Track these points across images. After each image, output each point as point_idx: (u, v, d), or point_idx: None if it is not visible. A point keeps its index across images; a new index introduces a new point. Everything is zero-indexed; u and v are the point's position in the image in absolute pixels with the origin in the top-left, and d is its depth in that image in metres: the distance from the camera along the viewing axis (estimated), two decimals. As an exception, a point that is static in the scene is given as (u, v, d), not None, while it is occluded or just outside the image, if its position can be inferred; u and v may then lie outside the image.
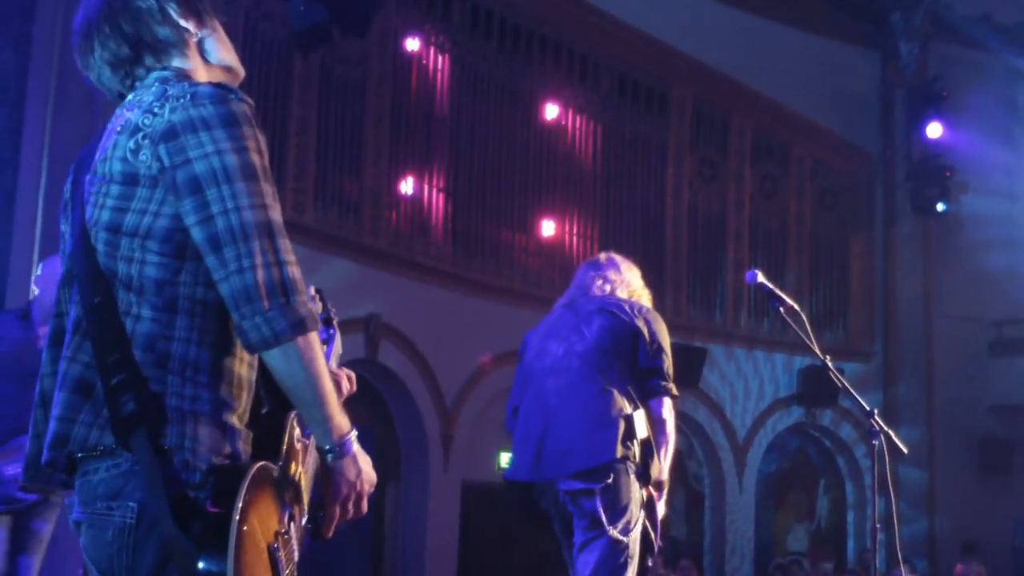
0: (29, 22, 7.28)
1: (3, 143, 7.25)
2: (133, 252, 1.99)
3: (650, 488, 4.12)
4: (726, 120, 13.54)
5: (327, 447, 2.03)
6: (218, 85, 2.03)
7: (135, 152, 1.98)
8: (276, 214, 1.98)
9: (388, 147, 10.49)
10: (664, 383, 4.17)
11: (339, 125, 10.15)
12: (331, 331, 2.55)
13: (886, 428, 4.09)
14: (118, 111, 2.11)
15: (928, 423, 13.71)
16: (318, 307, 2.54)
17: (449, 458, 10.78)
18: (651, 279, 12.88)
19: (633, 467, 4.03)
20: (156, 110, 1.99)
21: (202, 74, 2.16)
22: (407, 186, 10.71)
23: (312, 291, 2.57)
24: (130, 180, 1.99)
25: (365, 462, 2.09)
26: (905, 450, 4.15)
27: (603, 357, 4.16)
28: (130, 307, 2.00)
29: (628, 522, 4.02)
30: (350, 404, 2.24)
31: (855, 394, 4.19)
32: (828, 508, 13.97)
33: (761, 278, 4.17)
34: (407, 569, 10.59)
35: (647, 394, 4.16)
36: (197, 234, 1.95)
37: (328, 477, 2.05)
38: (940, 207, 13.96)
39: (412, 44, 10.74)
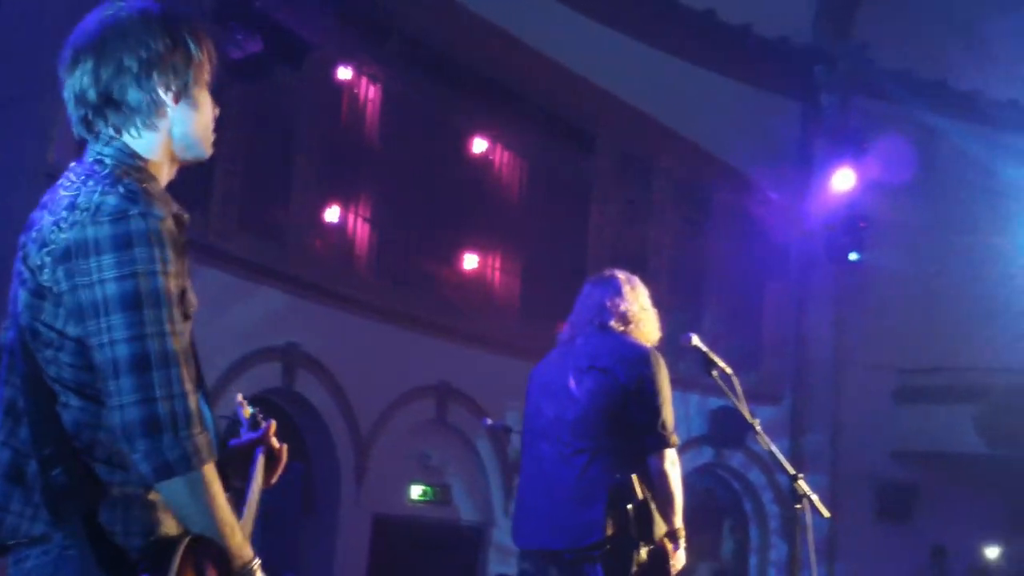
0: None
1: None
2: (51, 356, 2.01)
3: (666, 540, 4.12)
4: (651, 162, 13.71)
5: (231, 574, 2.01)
6: (127, 195, 1.98)
7: (41, 268, 1.99)
8: (163, 342, 1.94)
9: (315, 176, 10.44)
10: (660, 437, 4.14)
11: (267, 153, 10.07)
12: (259, 432, 2.51)
13: (810, 493, 4.18)
14: (61, 179, 2.10)
15: (832, 468, 13.98)
16: (245, 411, 2.55)
17: (362, 490, 10.71)
18: (564, 315, 12.95)
19: (633, 532, 4.04)
20: (62, 224, 1.98)
21: (159, 151, 2.14)
22: (333, 215, 10.67)
23: (239, 398, 2.58)
24: (38, 293, 2.00)
25: None
26: (827, 514, 4.24)
27: (593, 424, 4.17)
28: (59, 395, 2.00)
29: None
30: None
31: (782, 458, 4.27)
32: (732, 550, 14.16)
33: (696, 341, 4.25)
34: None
35: (645, 451, 4.15)
36: (92, 358, 1.96)
37: None
38: (853, 256, 14.27)
39: (343, 74, 10.72)
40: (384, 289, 11.05)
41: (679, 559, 4.18)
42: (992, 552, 14.34)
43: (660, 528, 4.09)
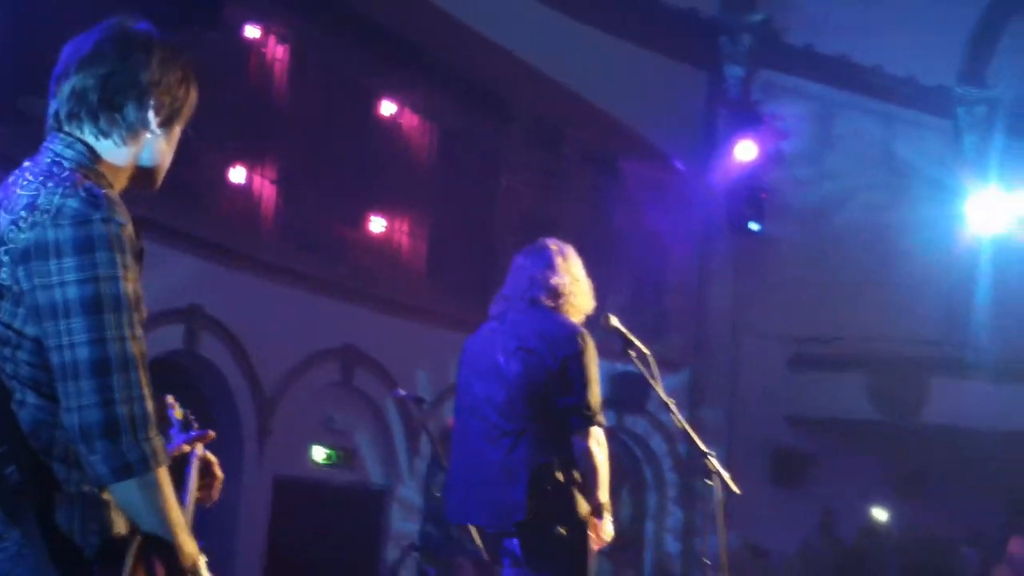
0: None
1: None
2: (9, 353, 2.02)
3: (591, 517, 4.16)
4: (561, 129, 13.75)
5: (177, 572, 2.05)
6: (89, 199, 2.01)
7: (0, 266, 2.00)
8: (123, 346, 1.97)
9: (221, 137, 10.26)
10: (584, 416, 4.15)
11: (172, 111, 9.85)
12: (192, 432, 2.55)
13: (721, 470, 4.29)
14: (14, 178, 2.12)
15: (729, 434, 14.29)
16: (177, 412, 2.59)
17: (264, 453, 10.65)
18: (479, 283, 12.98)
19: (554, 513, 4.10)
20: (21, 224, 1.99)
21: (126, 163, 2.20)
22: (239, 176, 10.51)
23: (169, 400, 2.59)
24: None
25: None
26: (738, 491, 4.35)
27: (520, 407, 4.20)
28: (14, 392, 2.01)
29: (551, 562, 4.11)
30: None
31: (694, 436, 4.38)
32: (629, 515, 14.42)
33: (614, 322, 4.33)
34: (214, 568, 10.38)
35: (571, 431, 4.17)
36: (50, 359, 1.98)
37: None
38: (753, 226, 14.55)
39: (252, 32, 10.54)
40: (289, 251, 10.93)
41: (607, 531, 4.24)
42: (880, 515, 14.83)
43: (583, 508, 4.15)
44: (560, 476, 4.11)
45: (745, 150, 14.36)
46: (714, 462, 4.30)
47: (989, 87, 15.82)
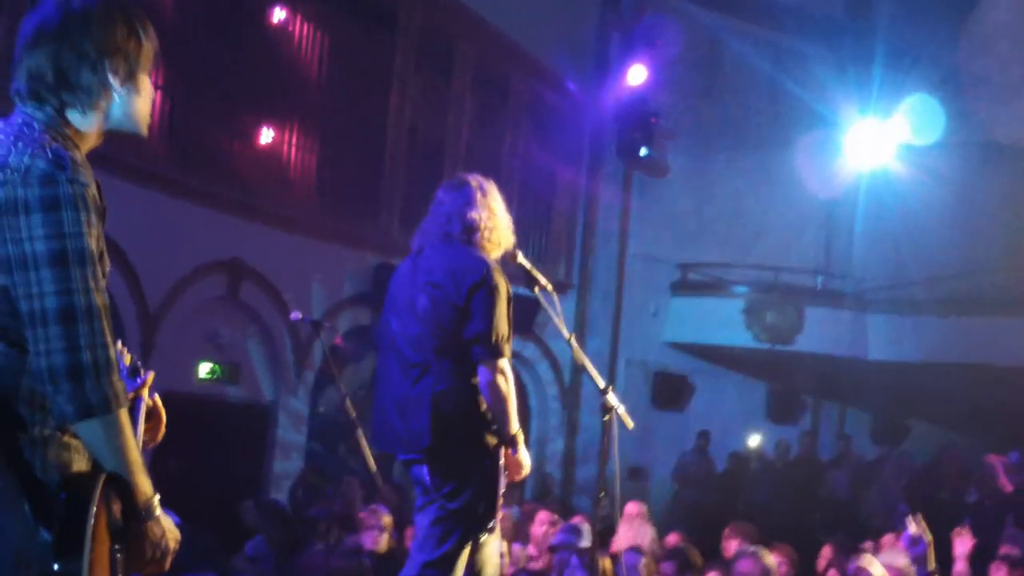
0: None
1: None
2: None
3: (504, 449, 4.23)
4: (451, 45, 13.60)
5: (134, 510, 2.24)
6: (56, 161, 2.17)
7: None
8: (88, 297, 2.16)
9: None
10: (488, 347, 4.17)
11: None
12: (140, 379, 2.70)
13: (617, 405, 4.40)
14: None
15: (612, 357, 14.55)
16: (126, 359, 2.74)
17: (148, 368, 10.44)
18: (367, 199, 12.85)
19: (460, 436, 4.18)
20: None
21: (93, 127, 2.38)
22: (123, 83, 10.15)
23: (119, 346, 2.67)
24: None
25: (167, 522, 2.32)
26: (631, 425, 4.47)
27: (428, 340, 4.24)
28: None
29: (458, 490, 4.15)
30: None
31: (594, 372, 4.47)
32: (511, 440, 14.62)
33: (520, 258, 4.38)
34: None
35: (476, 362, 4.20)
36: (19, 307, 2.16)
37: (135, 539, 2.24)
38: (642, 152, 14.66)
39: (139, -68, 10.11)
40: (175, 162, 10.65)
41: (523, 463, 4.30)
42: (754, 440, 15.36)
43: (489, 436, 4.20)
44: (464, 404, 4.18)
45: (636, 74, 14.40)
46: (611, 399, 4.41)
47: (873, 18, 16.13)
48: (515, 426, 4.23)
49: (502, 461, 4.25)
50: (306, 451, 11.74)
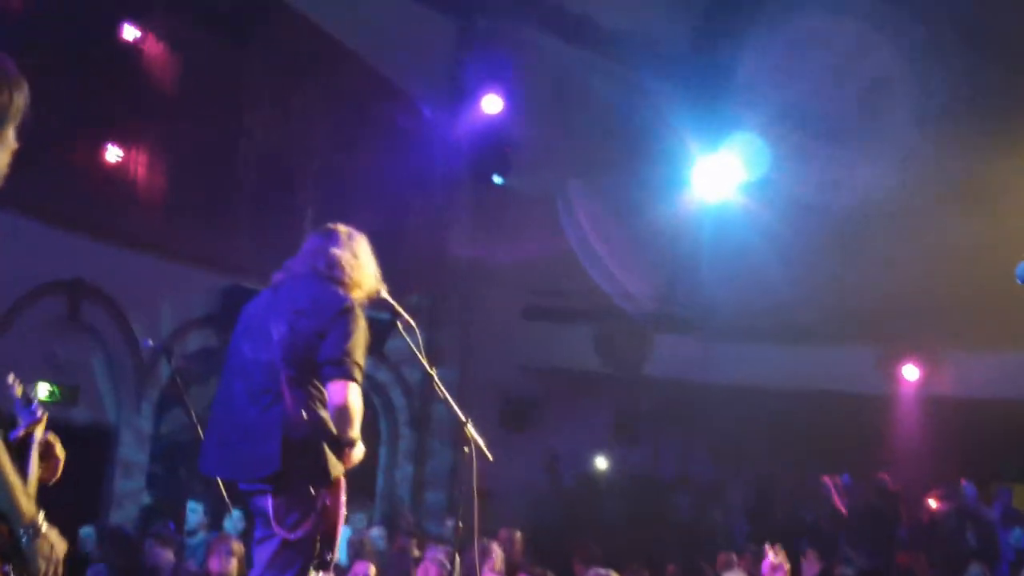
0: None
1: None
2: None
3: (347, 449, 4.22)
4: (305, 67, 13.51)
5: (19, 532, 2.36)
6: None
7: None
8: None
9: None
10: (338, 368, 4.16)
11: None
12: (34, 409, 2.81)
13: (477, 437, 4.48)
14: None
15: (462, 379, 14.60)
16: (18, 391, 2.89)
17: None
18: (217, 219, 12.63)
19: (307, 469, 4.14)
20: None
21: None
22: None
23: (9, 379, 2.67)
24: None
25: (54, 536, 2.44)
26: (491, 457, 4.55)
27: (282, 365, 4.22)
28: None
29: (300, 520, 4.14)
30: None
31: (453, 405, 4.54)
32: (359, 469, 14.56)
33: (384, 294, 4.44)
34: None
35: (327, 383, 4.19)
36: None
37: (25, 560, 2.36)
38: (497, 179, 14.84)
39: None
40: (17, 178, 10.27)
41: (356, 455, 4.31)
42: (601, 463, 15.63)
43: (336, 468, 4.22)
44: (314, 432, 4.18)
45: (491, 103, 14.57)
46: (471, 430, 4.48)
47: (717, 55, 16.65)
48: (356, 429, 4.20)
49: (343, 497, 4.28)
50: (147, 472, 11.50)
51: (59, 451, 2.92)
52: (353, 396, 4.18)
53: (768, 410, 14.40)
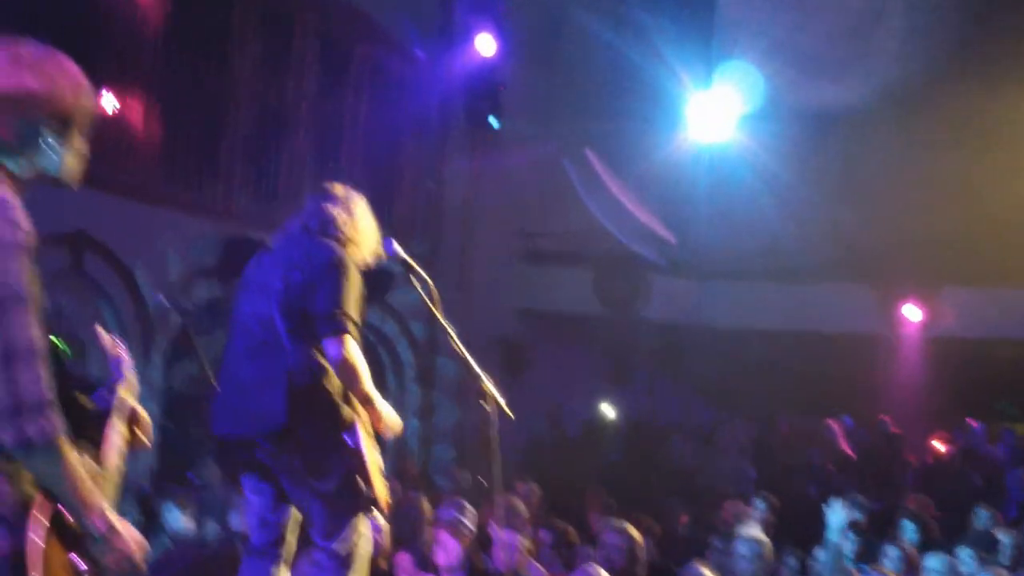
0: None
1: None
2: None
3: (370, 408, 4.26)
4: (292, 12, 13.31)
5: (91, 531, 2.40)
6: None
7: None
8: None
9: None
10: (335, 323, 4.18)
11: None
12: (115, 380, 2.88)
13: (496, 393, 4.50)
14: None
15: (461, 325, 14.55)
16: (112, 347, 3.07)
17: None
18: (206, 166, 12.53)
19: (318, 417, 4.17)
20: None
21: (18, 179, 2.61)
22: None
23: (103, 335, 2.76)
24: None
25: (126, 529, 2.45)
26: (512, 415, 4.57)
27: (280, 319, 4.25)
28: None
29: (325, 468, 4.17)
30: None
31: (472, 363, 4.54)
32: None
33: (396, 248, 4.44)
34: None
35: (324, 338, 4.20)
36: None
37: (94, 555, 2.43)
38: (492, 121, 14.71)
39: None
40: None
41: (391, 419, 4.35)
42: (608, 411, 15.60)
43: (345, 413, 4.22)
44: (318, 380, 4.19)
45: (484, 43, 14.42)
46: (488, 385, 4.49)
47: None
48: (368, 385, 4.23)
49: (363, 438, 4.27)
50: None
51: (143, 414, 2.97)
52: (351, 349, 4.19)
53: (767, 352, 14.45)
